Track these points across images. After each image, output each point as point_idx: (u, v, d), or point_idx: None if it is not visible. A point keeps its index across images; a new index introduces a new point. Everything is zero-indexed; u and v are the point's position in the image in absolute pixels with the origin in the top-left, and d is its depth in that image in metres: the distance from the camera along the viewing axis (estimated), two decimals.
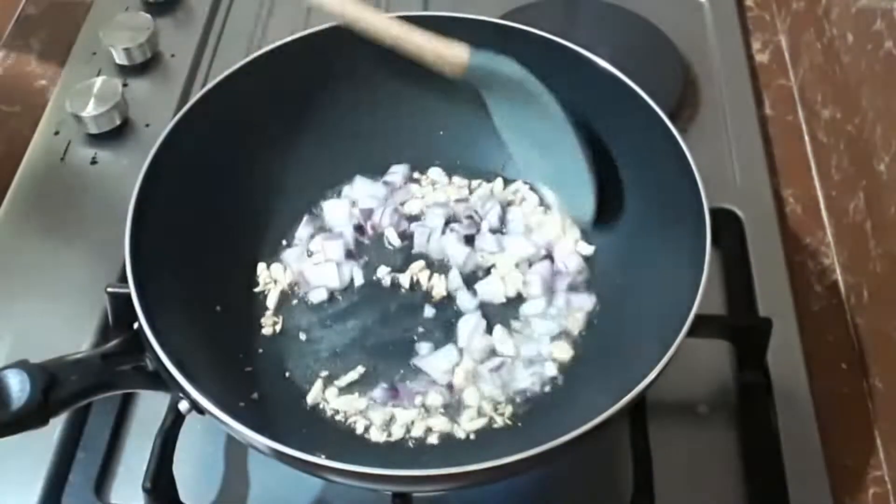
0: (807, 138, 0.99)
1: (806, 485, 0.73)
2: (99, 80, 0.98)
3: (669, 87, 0.98)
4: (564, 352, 0.75)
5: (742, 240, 0.87)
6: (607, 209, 0.81)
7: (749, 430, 0.77)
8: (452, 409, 0.73)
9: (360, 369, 0.75)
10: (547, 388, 0.74)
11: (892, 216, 0.77)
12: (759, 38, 1.08)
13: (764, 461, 0.75)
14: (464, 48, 0.76)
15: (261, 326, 0.78)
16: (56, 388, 0.61)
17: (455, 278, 0.79)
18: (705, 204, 0.70)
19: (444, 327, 0.77)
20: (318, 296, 0.79)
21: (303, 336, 0.77)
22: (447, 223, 0.82)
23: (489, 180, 0.86)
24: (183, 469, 0.72)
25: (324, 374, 0.75)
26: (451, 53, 0.76)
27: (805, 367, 0.80)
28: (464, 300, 0.78)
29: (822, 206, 0.94)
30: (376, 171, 0.86)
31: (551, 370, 0.75)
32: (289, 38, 0.81)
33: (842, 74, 0.90)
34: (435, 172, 0.86)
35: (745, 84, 1.01)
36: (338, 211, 0.84)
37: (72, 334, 0.81)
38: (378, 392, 0.74)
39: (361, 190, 0.85)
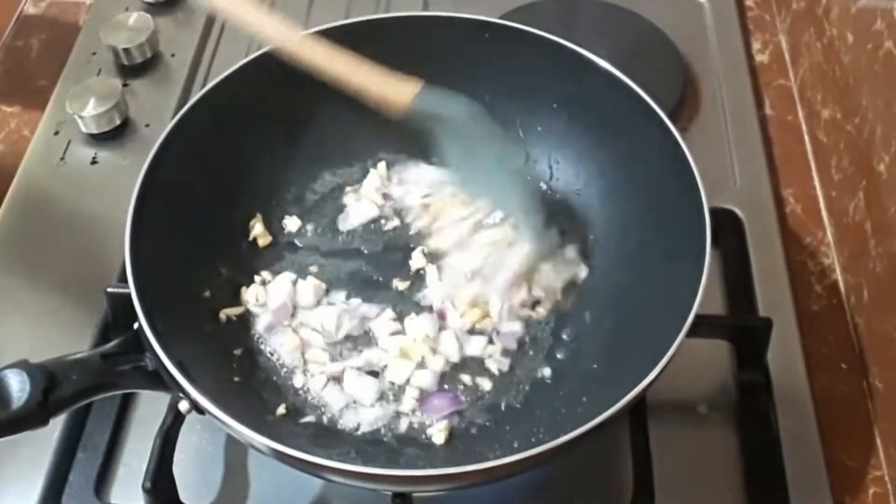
0: (807, 138, 0.99)
1: (806, 485, 0.73)
2: (99, 80, 0.98)
3: (669, 87, 0.98)
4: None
5: (742, 240, 0.87)
6: (607, 209, 0.81)
7: (749, 430, 0.77)
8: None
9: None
10: (547, 388, 0.74)
11: (892, 216, 0.77)
12: (759, 38, 1.08)
13: (764, 461, 0.75)
14: (412, 87, 0.70)
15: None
16: (56, 388, 0.61)
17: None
18: (705, 204, 0.70)
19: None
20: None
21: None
22: None
23: None
24: (183, 469, 0.72)
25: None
26: (396, 94, 0.70)
27: (805, 367, 0.80)
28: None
29: (822, 206, 0.94)
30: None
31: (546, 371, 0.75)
32: None
33: (842, 74, 0.90)
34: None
35: (745, 84, 1.01)
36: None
37: (72, 334, 0.81)
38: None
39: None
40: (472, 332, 0.77)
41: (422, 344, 0.75)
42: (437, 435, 0.71)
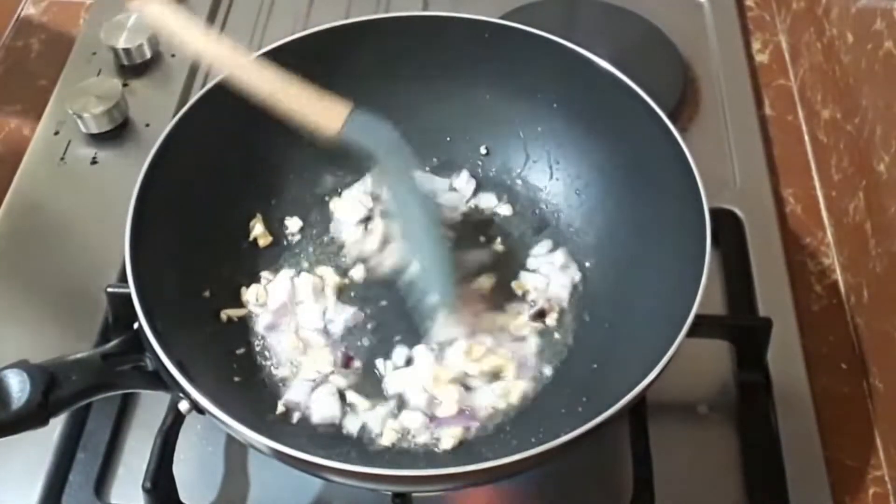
0: (807, 138, 0.99)
1: (806, 485, 0.73)
2: (99, 80, 0.98)
3: (669, 87, 0.98)
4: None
5: (742, 240, 0.87)
6: (607, 209, 0.81)
7: (749, 430, 0.77)
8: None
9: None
10: (547, 388, 0.74)
11: (892, 216, 0.77)
12: (759, 38, 1.08)
13: (764, 461, 0.75)
14: (342, 111, 0.69)
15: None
16: (56, 388, 0.61)
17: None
18: (705, 204, 0.70)
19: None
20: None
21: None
22: None
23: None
24: (183, 469, 0.72)
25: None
26: (327, 119, 0.70)
27: (805, 367, 0.80)
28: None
29: (822, 206, 0.94)
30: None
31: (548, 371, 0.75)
32: (289, 38, 0.81)
33: (842, 74, 0.90)
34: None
35: (745, 84, 1.01)
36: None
37: (72, 334, 0.81)
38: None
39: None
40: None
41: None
42: (446, 440, 0.71)
